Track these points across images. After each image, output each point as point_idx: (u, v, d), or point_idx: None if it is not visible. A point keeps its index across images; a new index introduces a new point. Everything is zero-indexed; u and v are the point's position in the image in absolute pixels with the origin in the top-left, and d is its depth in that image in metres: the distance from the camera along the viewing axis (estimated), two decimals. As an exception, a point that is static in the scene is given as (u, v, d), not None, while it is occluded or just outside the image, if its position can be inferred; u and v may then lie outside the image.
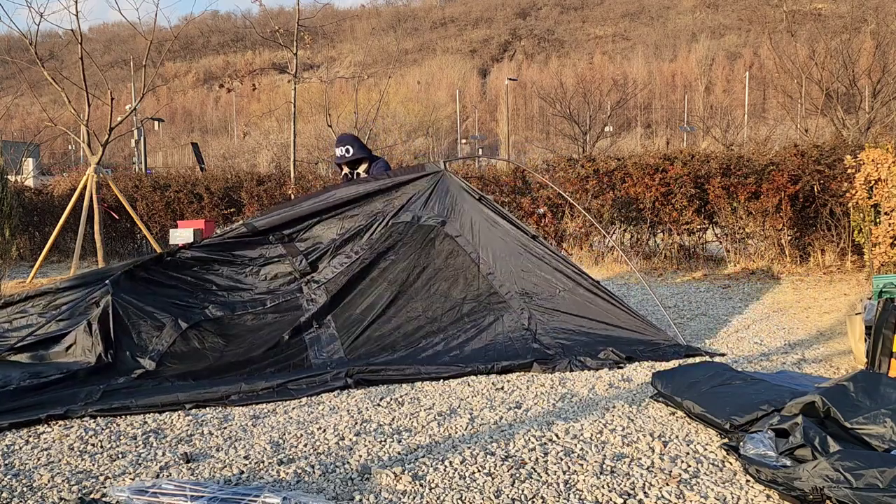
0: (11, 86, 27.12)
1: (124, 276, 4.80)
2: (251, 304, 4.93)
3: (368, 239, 5.24)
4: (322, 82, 21.60)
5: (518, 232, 5.22)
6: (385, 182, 5.41)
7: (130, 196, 11.56)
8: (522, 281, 5.05)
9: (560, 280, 5.02)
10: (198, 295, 4.91)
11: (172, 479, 2.69)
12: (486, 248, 5.18)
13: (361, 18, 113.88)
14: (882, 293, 4.08)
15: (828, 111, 17.59)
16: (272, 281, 5.10)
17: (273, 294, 5.02)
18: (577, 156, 11.97)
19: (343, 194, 5.38)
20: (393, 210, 5.32)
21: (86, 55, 8.72)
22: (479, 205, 5.31)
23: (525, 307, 4.93)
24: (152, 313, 4.59)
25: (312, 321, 4.81)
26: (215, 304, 4.85)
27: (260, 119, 40.48)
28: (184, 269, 5.04)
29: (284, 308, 4.93)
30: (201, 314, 4.74)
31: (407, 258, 5.16)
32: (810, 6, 60.13)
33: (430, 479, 2.74)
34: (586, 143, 35.57)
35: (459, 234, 5.24)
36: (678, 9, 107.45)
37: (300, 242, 5.24)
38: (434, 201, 5.35)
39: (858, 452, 2.47)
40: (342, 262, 5.16)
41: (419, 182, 5.42)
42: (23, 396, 3.79)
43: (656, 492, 2.60)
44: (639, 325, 4.88)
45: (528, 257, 5.11)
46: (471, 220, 5.27)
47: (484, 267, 5.13)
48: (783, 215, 8.17)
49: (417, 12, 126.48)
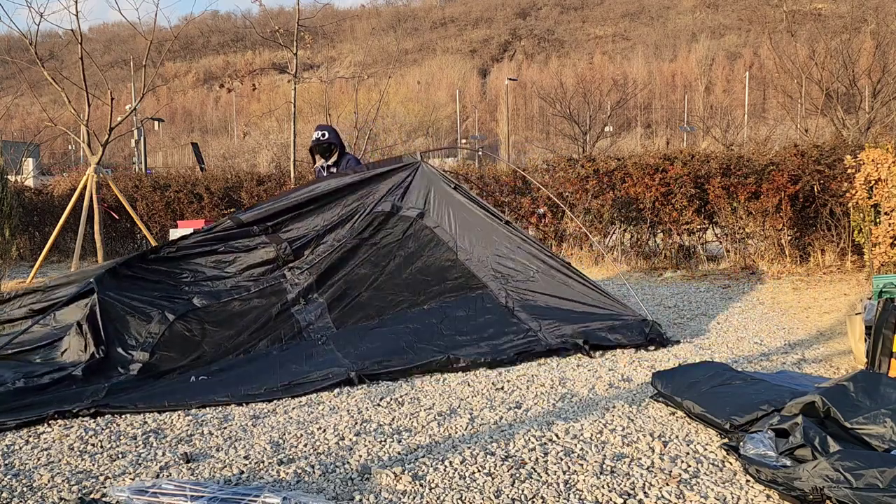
0: (11, 86, 27.13)
1: (108, 275, 4.85)
2: (236, 291, 5.05)
3: (350, 228, 5.46)
4: (322, 82, 21.61)
5: (493, 219, 5.45)
6: (364, 174, 5.64)
7: (130, 196, 11.56)
8: (498, 265, 5.29)
9: (533, 263, 5.26)
10: (182, 288, 5.01)
11: (172, 479, 2.69)
12: (463, 236, 5.43)
13: (361, 18, 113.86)
14: (882, 293, 4.08)
15: (828, 111, 17.60)
16: (255, 268, 5.24)
17: (257, 281, 5.15)
18: (577, 156, 11.97)
19: (325, 187, 5.57)
20: (373, 201, 5.55)
21: (86, 55, 8.72)
22: (454, 193, 5.54)
23: (503, 287, 5.17)
24: (139, 308, 4.64)
25: (300, 298, 4.99)
26: (200, 294, 4.94)
27: (260, 119, 40.45)
28: (168, 264, 5.15)
29: (269, 292, 5.07)
30: (188, 305, 4.80)
31: (387, 245, 5.39)
32: (810, 6, 60.16)
33: (430, 479, 2.74)
34: (586, 143, 35.57)
35: (437, 225, 5.49)
36: (678, 9, 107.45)
37: (283, 233, 5.41)
38: (412, 192, 5.60)
39: (858, 452, 2.47)
40: (325, 250, 5.34)
41: (397, 173, 5.64)
42: (25, 396, 3.80)
43: (656, 492, 2.60)
44: (606, 302, 5.12)
45: (502, 243, 5.35)
46: (448, 210, 5.51)
47: (462, 254, 5.37)
48: (783, 215, 8.17)
49: (417, 12, 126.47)
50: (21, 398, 3.75)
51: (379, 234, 5.45)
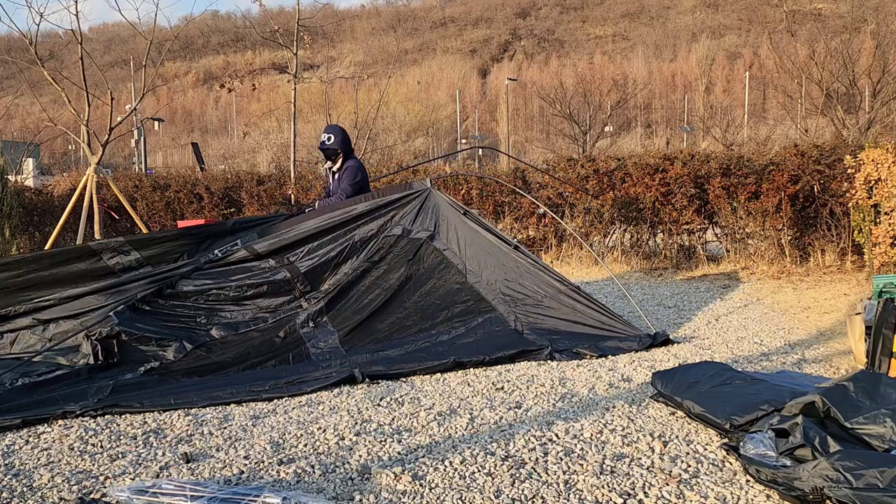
0: (11, 86, 27.14)
1: (128, 309, 4.85)
2: (253, 323, 5.07)
3: (365, 253, 5.52)
4: (322, 82, 21.59)
5: (501, 243, 5.52)
6: (377, 202, 5.69)
7: (130, 196, 11.55)
8: (507, 288, 5.34)
9: (541, 287, 5.31)
10: (200, 318, 5.03)
11: (172, 479, 2.69)
12: (473, 260, 5.48)
13: (361, 18, 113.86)
14: (882, 293, 4.08)
15: (828, 111, 17.61)
16: (271, 298, 5.26)
17: (274, 312, 5.18)
18: (577, 156, 11.97)
19: (339, 217, 5.60)
20: (386, 227, 5.62)
21: (86, 55, 8.70)
22: (464, 219, 5.62)
23: (511, 311, 5.20)
24: (157, 339, 4.68)
25: (309, 321, 5.04)
26: (219, 325, 4.98)
27: (260, 119, 40.45)
28: (186, 299, 5.13)
29: (286, 321, 5.09)
30: (206, 336, 4.86)
31: (398, 269, 5.43)
32: (810, 6, 60.15)
33: (430, 479, 2.74)
34: (586, 143, 35.57)
35: (447, 248, 5.55)
36: (678, 9, 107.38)
37: (300, 263, 5.43)
38: (422, 217, 5.67)
39: (858, 452, 2.47)
40: (339, 280, 5.39)
41: (408, 200, 5.71)
42: (30, 394, 3.81)
43: (656, 492, 2.60)
44: (616, 325, 5.17)
45: (511, 267, 5.41)
46: (457, 234, 5.57)
47: (471, 277, 5.41)
48: (783, 215, 8.17)
49: (417, 12, 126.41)
50: (27, 396, 3.77)
51: (389, 257, 5.48)
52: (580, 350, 4.74)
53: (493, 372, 4.39)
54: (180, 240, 5.53)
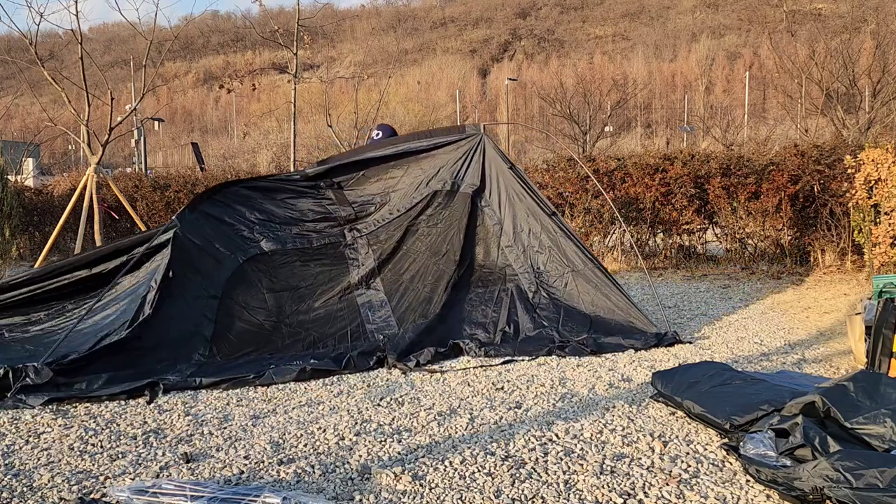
0: (11, 86, 27.14)
1: (188, 210, 5.09)
2: (300, 240, 5.31)
3: (410, 197, 5.55)
4: (322, 82, 21.56)
5: (538, 208, 5.47)
6: (428, 141, 5.68)
7: (130, 196, 11.55)
8: (535, 258, 5.38)
9: (570, 262, 5.32)
10: (254, 228, 5.26)
11: (172, 479, 2.69)
12: (508, 220, 5.51)
13: (361, 18, 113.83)
14: (882, 293, 4.08)
15: (828, 111, 17.60)
16: (319, 222, 5.45)
17: (319, 234, 5.39)
18: (576, 155, 11.96)
19: (390, 151, 5.65)
20: (434, 171, 5.62)
21: (86, 55, 8.70)
22: (509, 174, 5.57)
23: (533, 282, 5.29)
24: (213, 248, 4.99)
25: (361, 283, 5.25)
26: (268, 238, 5.22)
27: (260, 119, 40.47)
28: (242, 203, 5.34)
29: (331, 253, 5.32)
30: (256, 248, 5.13)
31: (440, 223, 5.50)
32: (810, 6, 60.16)
33: (430, 479, 2.74)
34: (586, 143, 35.54)
35: (488, 205, 5.56)
36: (678, 9, 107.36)
37: (349, 191, 5.59)
38: (470, 167, 5.63)
39: (858, 452, 2.47)
40: (384, 217, 5.50)
41: (459, 144, 5.68)
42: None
43: (656, 492, 2.60)
44: (632, 313, 5.15)
45: (543, 235, 5.42)
46: (499, 191, 5.57)
47: (504, 239, 5.46)
48: (783, 215, 8.17)
49: (417, 12, 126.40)
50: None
51: (435, 208, 5.53)
52: (596, 339, 4.83)
53: (493, 372, 4.39)
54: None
